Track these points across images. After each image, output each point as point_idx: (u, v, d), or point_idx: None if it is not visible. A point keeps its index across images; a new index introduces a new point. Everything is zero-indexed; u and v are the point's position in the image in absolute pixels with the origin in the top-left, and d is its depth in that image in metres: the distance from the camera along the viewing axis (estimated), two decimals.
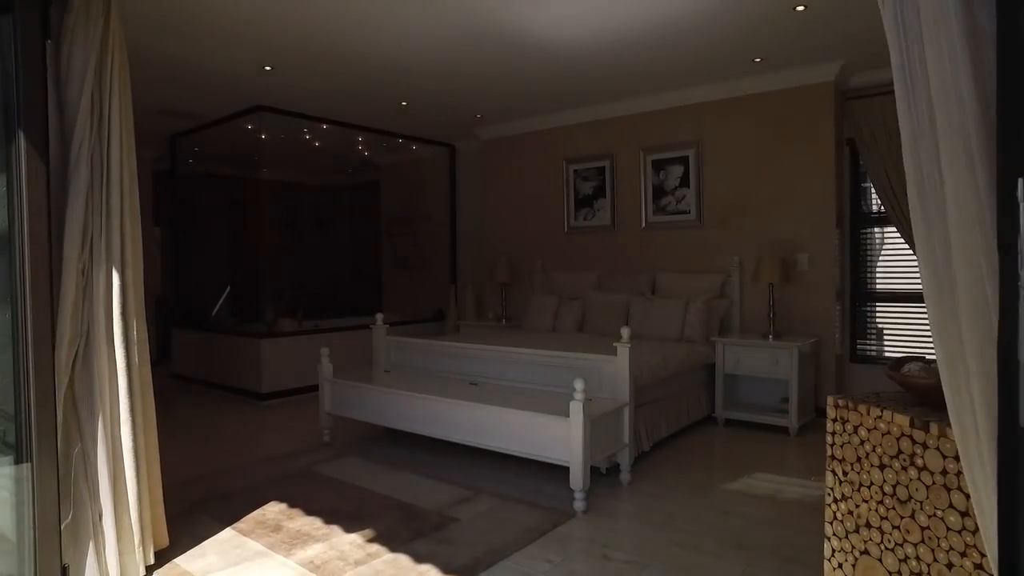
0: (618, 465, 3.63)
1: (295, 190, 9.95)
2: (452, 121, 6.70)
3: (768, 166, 5.25)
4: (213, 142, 7.30)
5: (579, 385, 3.14)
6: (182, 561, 2.75)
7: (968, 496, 1.57)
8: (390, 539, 2.92)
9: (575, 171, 6.44)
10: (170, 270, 7.51)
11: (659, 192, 5.84)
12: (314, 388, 6.27)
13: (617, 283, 5.84)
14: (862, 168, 5.24)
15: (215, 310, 8.73)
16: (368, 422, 4.32)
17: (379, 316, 4.91)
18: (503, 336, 5.32)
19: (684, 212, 5.70)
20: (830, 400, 2.02)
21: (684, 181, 5.68)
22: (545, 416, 3.29)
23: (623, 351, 3.63)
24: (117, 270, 2.52)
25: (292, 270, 9.79)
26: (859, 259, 5.31)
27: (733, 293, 5.35)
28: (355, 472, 3.86)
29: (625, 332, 3.63)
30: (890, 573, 1.80)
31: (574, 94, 5.73)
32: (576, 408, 3.14)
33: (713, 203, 5.55)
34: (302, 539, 2.94)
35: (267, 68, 4.87)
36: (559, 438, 3.22)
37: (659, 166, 5.83)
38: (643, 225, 5.95)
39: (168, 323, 7.51)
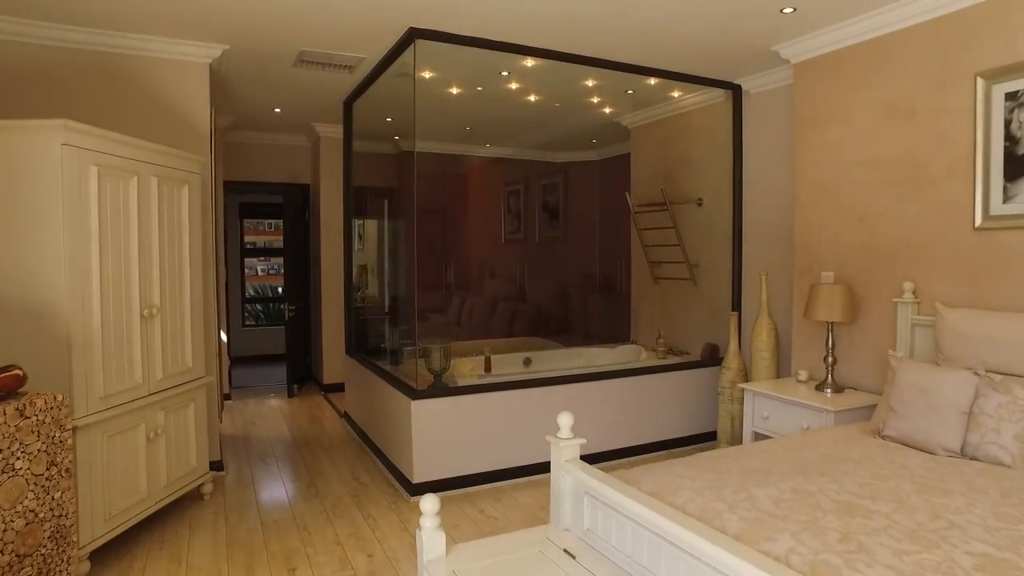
0: None
1: (514, 167, 7.74)
2: (730, 35, 3.75)
3: None
4: (395, 104, 5.37)
5: None
6: None
7: None
8: None
9: (1008, 96, 3.06)
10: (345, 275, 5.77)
11: None
12: (501, 476, 3.98)
13: None
14: None
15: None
16: None
17: (564, 420, 2.30)
18: (820, 460, 2.32)
19: None
20: None
21: None
22: None
23: None
24: None
25: (508, 280, 7.61)
26: None
27: None
28: None
29: None
30: None
31: None
32: None
33: None
34: None
35: None
36: None
37: None
38: None
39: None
